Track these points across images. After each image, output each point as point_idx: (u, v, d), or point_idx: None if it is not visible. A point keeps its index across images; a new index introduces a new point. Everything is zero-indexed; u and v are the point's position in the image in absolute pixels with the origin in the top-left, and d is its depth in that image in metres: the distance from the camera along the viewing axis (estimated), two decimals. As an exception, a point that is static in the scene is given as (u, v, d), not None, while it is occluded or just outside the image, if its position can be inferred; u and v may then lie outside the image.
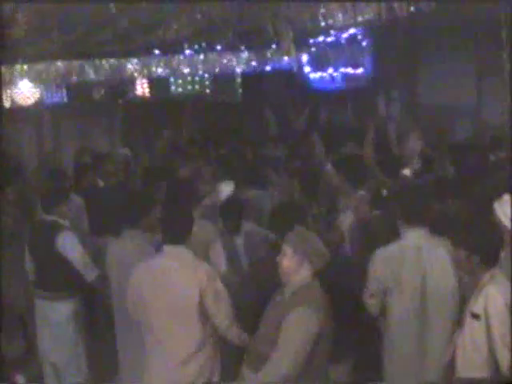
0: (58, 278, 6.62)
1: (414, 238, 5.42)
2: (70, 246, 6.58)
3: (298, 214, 5.85)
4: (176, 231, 5.23)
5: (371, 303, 5.46)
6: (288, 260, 4.81)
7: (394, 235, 5.55)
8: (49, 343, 6.73)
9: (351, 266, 6.04)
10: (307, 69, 15.72)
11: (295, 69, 15.04)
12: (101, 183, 9.16)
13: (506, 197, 5.57)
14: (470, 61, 12.87)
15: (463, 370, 4.61)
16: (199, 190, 7.29)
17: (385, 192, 6.74)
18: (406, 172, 8.62)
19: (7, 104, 12.08)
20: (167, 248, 5.24)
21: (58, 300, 6.66)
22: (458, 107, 13.21)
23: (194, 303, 5.05)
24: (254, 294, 5.41)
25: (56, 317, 6.66)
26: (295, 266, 4.80)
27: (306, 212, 6.35)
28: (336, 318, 4.81)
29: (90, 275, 6.55)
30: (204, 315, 5.11)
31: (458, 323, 4.80)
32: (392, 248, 5.48)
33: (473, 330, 4.54)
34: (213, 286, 5.08)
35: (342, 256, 6.49)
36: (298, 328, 4.61)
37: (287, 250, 4.84)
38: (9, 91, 12.20)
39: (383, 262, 5.41)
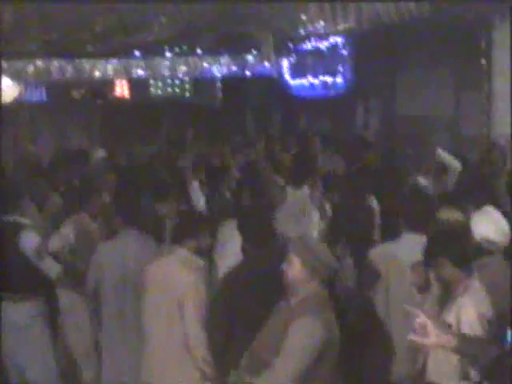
0: (23, 278, 6.49)
1: (124, 238, 6.25)
2: (29, 244, 6.49)
3: None
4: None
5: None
6: (295, 271, 4.54)
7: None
8: (13, 345, 6.61)
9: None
10: (287, 75, 15.74)
11: (275, 75, 15.09)
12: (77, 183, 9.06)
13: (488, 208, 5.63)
14: (448, 73, 12.90)
15: (434, 378, 4.63)
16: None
17: None
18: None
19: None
20: None
21: (22, 301, 6.55)
22: (435, 119, 13.22)
23: None
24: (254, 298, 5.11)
25: (20, 318, 6.55)
26: (303, 277, 4.56)
27: None
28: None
29: (53, 272, 6.49)
30: None
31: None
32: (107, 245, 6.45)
33: None
34: None
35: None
36: (302, 336, 4.41)
37: (295, 260, 4.56)
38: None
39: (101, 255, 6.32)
